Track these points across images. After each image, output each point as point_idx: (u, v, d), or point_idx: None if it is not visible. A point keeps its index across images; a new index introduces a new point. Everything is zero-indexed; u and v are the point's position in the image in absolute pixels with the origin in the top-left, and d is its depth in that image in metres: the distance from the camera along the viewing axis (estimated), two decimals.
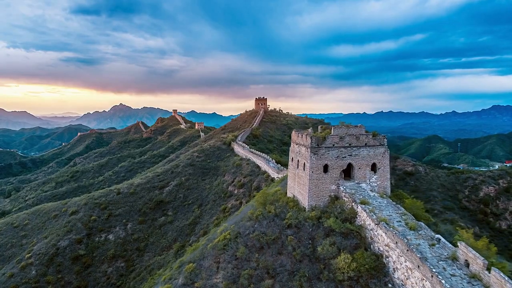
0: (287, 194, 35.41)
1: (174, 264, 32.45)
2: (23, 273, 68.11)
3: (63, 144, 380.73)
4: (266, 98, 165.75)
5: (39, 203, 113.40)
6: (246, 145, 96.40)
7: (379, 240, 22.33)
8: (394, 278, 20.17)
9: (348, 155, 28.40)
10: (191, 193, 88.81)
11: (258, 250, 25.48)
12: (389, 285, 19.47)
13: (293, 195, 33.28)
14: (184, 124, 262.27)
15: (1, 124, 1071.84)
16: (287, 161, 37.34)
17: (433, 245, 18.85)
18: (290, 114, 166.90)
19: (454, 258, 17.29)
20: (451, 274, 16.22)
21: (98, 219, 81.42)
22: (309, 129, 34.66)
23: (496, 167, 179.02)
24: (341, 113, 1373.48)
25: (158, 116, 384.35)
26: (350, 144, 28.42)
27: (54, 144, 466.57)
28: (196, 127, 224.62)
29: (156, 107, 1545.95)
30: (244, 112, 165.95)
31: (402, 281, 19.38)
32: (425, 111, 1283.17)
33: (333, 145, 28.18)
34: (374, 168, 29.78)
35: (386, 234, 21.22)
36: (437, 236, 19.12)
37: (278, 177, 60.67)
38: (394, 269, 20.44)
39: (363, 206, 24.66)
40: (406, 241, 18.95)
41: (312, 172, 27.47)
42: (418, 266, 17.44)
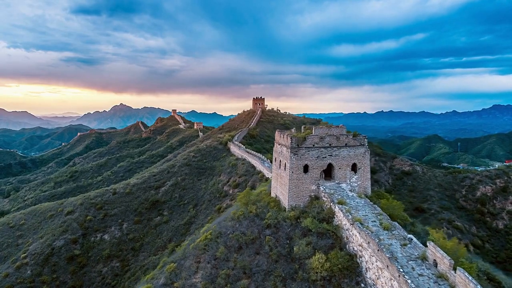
0: (271, 194, 35.52)
1: (159, 264, 32.67)
2: (18, 273, 68.35)
3: (63, 144, 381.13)
4: (264, 98, 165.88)
5: (38, 203, 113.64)
6: (242, 145, 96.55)
7: (353, 240, 22.37)
8: (367, 277, 20.20)
9: (329, 155, 28.38)
10: (186, 193, 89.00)
11: (237, 250, 25.67)
12: (362, 285, 19.55)
13: (276, 195, 33.35)
14: (183, 124, 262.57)
15: (2, 124, 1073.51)
16: None
17: (405, 245, 18.92)
18: (287, 114, 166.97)
19: (424, 258, 17.37)
20: (419, 274, 16.25)
21: (94, 219, 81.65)
22: (292, 129, 34.71)
23: (496, 166, 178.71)
24: (341, 113, 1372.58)
25: (159, 116, 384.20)
26: (330, 144, 28.40)
27: (54, 144, 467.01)
28: (195, 127, 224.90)
29: (156, 107, 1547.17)
30: (242, 112, 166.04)
31: (373, 280, 19.42)
32: (426, 111, 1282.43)
33: (313, 145, 28.19)
34: (354, 168, 29.72)
35: (359, 234, 21.24)
36: (409, 236, 19.22)
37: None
38: (366, 269, 20.49)
39: (340, 206, 24.69)
40: (378, 241, 18.98)
41: (292, 172, 27.54)
42: (387, 266, 17.47)
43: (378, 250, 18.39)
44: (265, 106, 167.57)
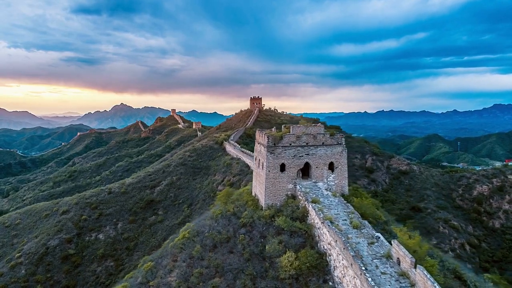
0: (252, 193, 35.55)
1: (139, 263, 32.86)
2: (13, 272, 68.59)
3: (63, 144, 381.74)
4: (261, 98, 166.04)
5: (37, 203, 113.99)
6: (238, 145, 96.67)
7: (324, 238, 22.39)
8: (334, 276, 20.28)
9: (305, 154, 28.37)
10: (181, 193, 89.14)
11: (212, 249, 25.73)
12: (330, 283, 19.62)
13: (255, 194, 33.45)
14: (182, 123, 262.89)
15: (3, 124, 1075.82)
16: None
17: (372, 243, 18.97)
18: (285, 113, 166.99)
19: (389, 256, 17.45)
20: (382, 272, 16.33)
21: (89, 218, 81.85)
22: (273, 129, 34.81)
23: (495, 166, 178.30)
24: (342, 112, 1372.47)
25: (159, 116, 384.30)
26: (307, 143, 28.39)
27: (54, 144, 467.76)
28: (193, 127, 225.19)
29: (157, 107, 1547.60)
30: (239, 112, 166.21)
31: (340, 279, 19.50)
32: (426, 110, 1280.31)
33: (290, 144, 28.21)
34: (332, 167, 29.69)
35: (329, 233, 21.25)
36: (377, 234, 19.28)
37: None
38: (334, 267, 20.57)
39: (313, 205, 24.72)
40: (344, 239, 19.03)
41: (269, 171, 27.57)
42: (351, 264, 17.51)
43: (344, 248, 18.44)
44: (263, 105, 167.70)
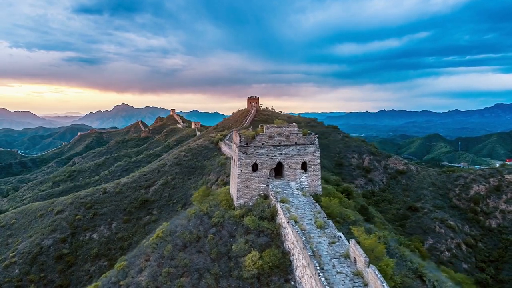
0: (230, 192, 35.04)
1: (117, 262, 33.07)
2: (6, 272, 68.94)
3: (63, 144, 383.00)
4: (258, 97, 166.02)
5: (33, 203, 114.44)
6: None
7: (288, 238, 22.36)
8: (296, 275, 20.22)
9: (278, 153, 28.23)
10: (176, 192, 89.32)
11: (182, 249, 25.74)
12: (292, 283, 19.65)
13: (231, 194, 33.33)
14: (181, 123, 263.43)
15: (5, 124, 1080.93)
16: None
17: (333, 243, 18.95)
18: (282, 113, 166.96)
19: (347, 256, 17.46)
20: (337, 272, 16.32)
21: (83, 218, 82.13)
22: (249, 128, 34.82)
23: (496, 165, 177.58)
24: (343, 112, 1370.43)
25: (159, 116, 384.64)
26: (280, 143, 28.29)
27: (56, 144, 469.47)
28: (192, 127, 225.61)
29: (158, 107, 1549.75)
30: (236, 111, 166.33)
31: (300, 278, 19.45)
32: (428, 110, 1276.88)
33: (263, 144, 28.17)
34: (304, 166, 29.65)
35: (292, 232, 21.19)
36: (339, 234, 19.28)
37: None
38: (296, 266, 20.56)
39: (282, 204, 24.69)
40: (304, 238, 19.00)
41: (241, 170, 27.52)
42: (309, 264, 17.42)
43: (303, 247, 18.32)
44: (260, 105, 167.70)
